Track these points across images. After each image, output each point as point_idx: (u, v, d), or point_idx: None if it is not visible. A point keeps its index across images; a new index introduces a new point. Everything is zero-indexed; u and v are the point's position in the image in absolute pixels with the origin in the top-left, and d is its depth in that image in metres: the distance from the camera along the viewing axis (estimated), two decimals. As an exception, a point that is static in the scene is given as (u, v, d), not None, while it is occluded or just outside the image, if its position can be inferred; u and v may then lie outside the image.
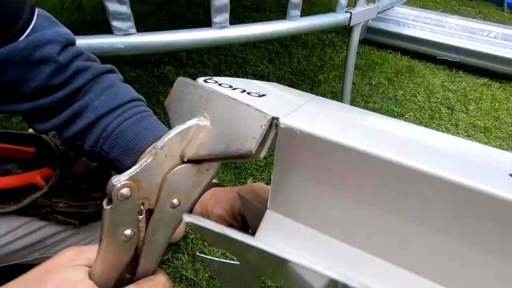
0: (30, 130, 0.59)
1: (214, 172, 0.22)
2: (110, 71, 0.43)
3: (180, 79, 0.23)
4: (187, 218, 0.16)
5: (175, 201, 0.21)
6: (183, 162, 0.20)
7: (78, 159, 0.59)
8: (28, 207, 0.52)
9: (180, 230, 0.78)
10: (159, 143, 0.19)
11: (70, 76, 0.38)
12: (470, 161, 0.19)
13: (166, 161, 0.20)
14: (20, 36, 0.34)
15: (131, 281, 0.22)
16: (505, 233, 0.15)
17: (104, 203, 0.19)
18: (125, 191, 0.19)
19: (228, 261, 0.26)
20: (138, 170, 0.19)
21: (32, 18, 0.35)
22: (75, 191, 0.57)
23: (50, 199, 0.53)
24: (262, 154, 0.19)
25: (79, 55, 0.39)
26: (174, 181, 0.20)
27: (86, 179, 0.59)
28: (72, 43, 0.39)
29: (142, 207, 0.20)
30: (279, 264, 0.17)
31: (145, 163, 0.19)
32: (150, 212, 0.21)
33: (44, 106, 0.37)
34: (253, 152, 0.18)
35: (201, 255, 0.26)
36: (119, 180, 0.18)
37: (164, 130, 0.40)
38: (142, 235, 0.21)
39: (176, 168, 0.20)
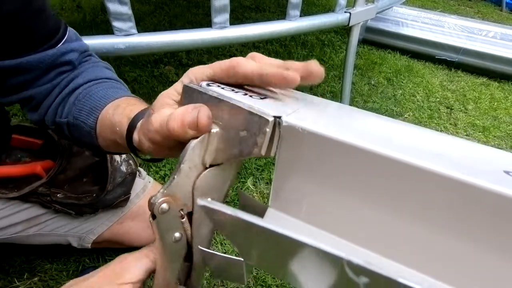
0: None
1: (237, 164, 0.24)
2: (107, 68, 0.49)
3: (185, 86, 0.24)
4: (200, 201, 0.17)
5: (209, 199, 0.23)
6: (206, 168, 0.22)
7: (80, 154, 0.62)
8: (29, 195, 0.56)
9: None
10: (181, 158, 0.21)
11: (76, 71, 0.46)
12: (465, 158, 0.19)
13: (190, 172, 0.22)
14: (56, 46, 0.43)
15: (190, 267, 0.26)
16: (499, 227, 0.16)
17: (150, 218, 0.22)
18: (164, 206, 0.22)
19: (229, 256, 0.26)
20: (168, 187, 0.22)
21: (65, 34, 0.45)
22: (74, 183, 0.61)
23: (50, 189, 0.57)
24: (273, 151, 0.21)
25: (88, 58, 0.48)
26: (203, 185, 0.23)
27: (86, 173, 0.62)
28: (87, 50, 0.48)
29: (182, 213, 0.23)
30: (287, 250, 0.17)
31: (173, 179, 0.22)
32: (191, 213, 0.24)
33: (43, 90, 0.44)
34: (263, 154, 0.20)
35: (202, 248, 0.27)
36: (156, 198, 0.22)
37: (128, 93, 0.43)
38: (189, 233, 0.24)
39: (201, 175, 0.22)
